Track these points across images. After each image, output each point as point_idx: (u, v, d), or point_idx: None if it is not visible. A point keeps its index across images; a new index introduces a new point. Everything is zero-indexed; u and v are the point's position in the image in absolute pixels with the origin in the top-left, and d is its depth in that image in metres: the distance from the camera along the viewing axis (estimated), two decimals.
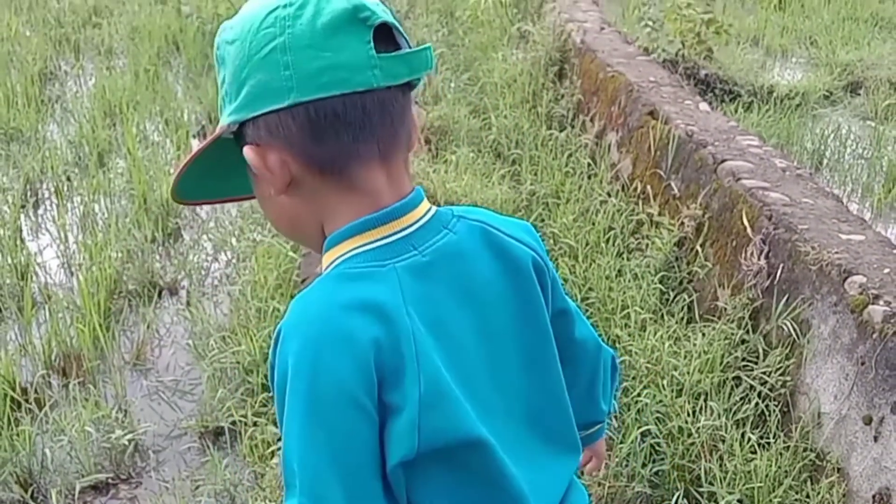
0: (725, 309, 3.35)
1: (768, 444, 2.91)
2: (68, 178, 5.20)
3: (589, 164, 4.91)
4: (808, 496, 2.72)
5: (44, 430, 3.25)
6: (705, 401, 3.05)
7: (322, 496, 1.02)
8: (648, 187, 4.30)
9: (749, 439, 2.90)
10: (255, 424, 3.18)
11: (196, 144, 5.68)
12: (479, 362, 1.16)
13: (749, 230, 3.36)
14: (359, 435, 1.04)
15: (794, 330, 3.00)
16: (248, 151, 1.09)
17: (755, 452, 2.87)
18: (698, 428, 2.93)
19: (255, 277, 3.92)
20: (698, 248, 3.70)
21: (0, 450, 3.11)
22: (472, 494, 1.14)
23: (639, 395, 3.11)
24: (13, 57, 7.23)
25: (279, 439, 2.93)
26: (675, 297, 3.71)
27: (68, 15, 8.35)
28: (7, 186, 5.08)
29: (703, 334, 3.29)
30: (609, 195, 4.51)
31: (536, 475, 1.19)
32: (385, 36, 1.07)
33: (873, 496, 2.56)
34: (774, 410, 3.00)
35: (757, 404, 3.02)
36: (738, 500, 2.74)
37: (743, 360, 3.17)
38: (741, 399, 3.06)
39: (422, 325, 1.08)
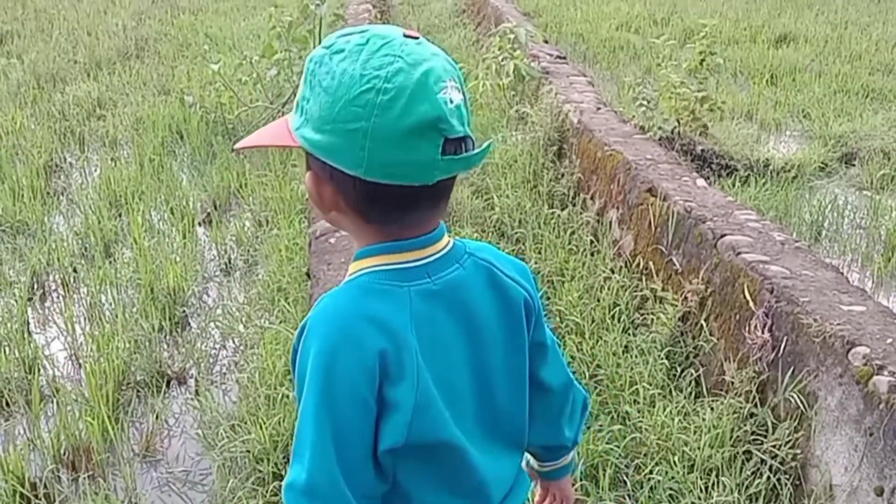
0: (732, 383, 3.36)
1: None
2: (74, 270, 5.20)
3: (591, 242, 4.96)
4: None
5: None
6: (717, 476, 3.04)
7: (324, 468, 1.25)
8: (651, 263, 4.35)
9: None
10: None
11: (201, 230, 5.75)
12: (463, 376, 1.40)
13: (751, 304, 3.39)
14: (359, 425, 1.28)
15: (802, 402, 3.01)
16: (308, 179, 1.32)
17: None
18: None
19: (263, 364, 3.91)
20: (703, 322, 3.73)
21: None
22: (446, 477, 1.39)
23: (650, 472, 3.11)
24: (18, 150, 7.29)
25: None
26: (682, 371, 3.72)
27: (72, 108, 8.43)
28: (14, 280, 5.09)
29: (712, 409, 3.30)
30: (612, 272, 4.55)
31: (495, 465, 1.45)
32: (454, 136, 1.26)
33: None
34: (786, 484, 3.00)
35: (769, 478, 3.02)
36: None
37: (752, 433, 3.17)
38: (753, 473, 3.06)
39: (421, 344, 1.31)
